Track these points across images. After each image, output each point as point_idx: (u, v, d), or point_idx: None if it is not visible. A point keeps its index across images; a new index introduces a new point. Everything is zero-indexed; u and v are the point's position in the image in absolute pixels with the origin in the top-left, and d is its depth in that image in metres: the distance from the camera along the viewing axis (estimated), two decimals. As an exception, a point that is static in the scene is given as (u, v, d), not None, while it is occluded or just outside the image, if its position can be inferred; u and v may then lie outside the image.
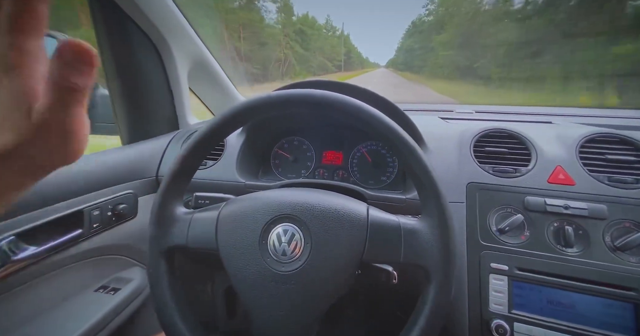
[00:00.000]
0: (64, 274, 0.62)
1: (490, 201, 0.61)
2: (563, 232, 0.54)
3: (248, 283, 0.41)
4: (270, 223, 0.42)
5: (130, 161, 0.78)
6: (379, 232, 0.41)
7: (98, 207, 0.65)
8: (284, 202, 0.43)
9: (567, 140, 0.65)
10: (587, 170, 0.59)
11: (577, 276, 0.52)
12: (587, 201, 0.55)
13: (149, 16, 0.76)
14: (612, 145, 0.62)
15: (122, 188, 0.73)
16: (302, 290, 0.40)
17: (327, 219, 0.41)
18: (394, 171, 0.84)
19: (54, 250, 0.57)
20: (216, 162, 0.81)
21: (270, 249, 0.41)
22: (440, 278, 0.38)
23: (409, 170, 0.42)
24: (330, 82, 0.70)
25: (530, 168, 0.62)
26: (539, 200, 0.57)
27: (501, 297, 0.54)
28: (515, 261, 0.55)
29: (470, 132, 0.71)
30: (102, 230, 0.67)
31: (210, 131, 0.44)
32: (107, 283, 0.70)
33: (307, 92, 0.42)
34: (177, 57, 0.89)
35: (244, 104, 0.43)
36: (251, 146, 0.86)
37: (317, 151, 0.92)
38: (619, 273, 0.50)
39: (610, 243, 0.52)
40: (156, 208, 0.44)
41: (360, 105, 0.42)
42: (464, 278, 0.58)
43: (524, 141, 0.66)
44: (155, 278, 0.44)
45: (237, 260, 0.42)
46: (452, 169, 0.66)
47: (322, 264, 0.40)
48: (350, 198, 0.47)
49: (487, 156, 0.67)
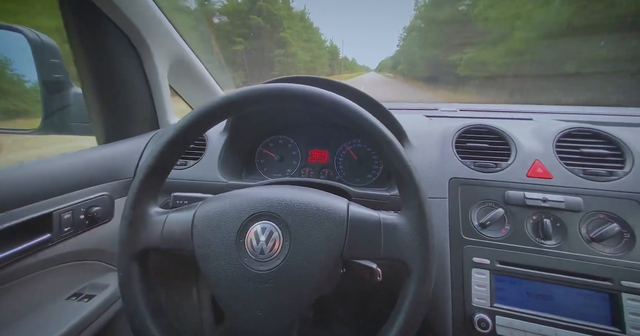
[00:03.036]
0: (33, 281, 0.58)
1: (472, 195, 0.61)
2: (542, 225, 0.55)
3: (225, 283, 0.40)
4: (248, 221, 0.41)
5: (106, 161, 0.75)
6: (358, 227, 0.41)
7: (69, 210, 0.62)
8: (262, 199, 0.42)
9: (545, 135, 0.66)
10: (563, 164, 0.60)
11: (555, 268, 0.53)
12: (564, 194, 0.56)
13: (124, 12, 0.74)
14: (587, 139, 0.63)
15: (97, 189, 0.70)
16: (281, 289, 0.39)
17: (306, 215, 0.41)
18: (379, 169, 0.84)
19: (19, 256, 0.53)
20: (197, 162, 0.79)
21: (247, 248, 0.40)
22: (419, 272, 0.38)
23: (390, 165, 0.41)
24: (314, 78, 0.69)
25: (510, 162, 0.63)
26: (518, 194, 0.58)
27: (483, 291, 0.55)
28: (496, 254, 0.56)
29: (453, 129, 0.72)
30: (74, 234, 0.63)
31: (187, 126, 0.42)
32: (81, 290, 0.66)
33: (286, 86, 0.41)
34: (156, 55, 0.86)
35: (222, 98, 0.42)
36: (235, 145, 0.84)
37: (303, 150, 0.91)
38: (595, 263, 0.51)
39: (586, 234, 0.54)
40: (128, 207, 0.42)
41: (341, 100, 0.41)
42: (447, 273, 0.58)
43: (503, 136, 0.68)
44: (126, 283, 0.41)
45: (214, 261, 0.40)
46: (434, 165, 0.66)
47: (302, 261, 0.39)
48: (330, 195, 0.46)
49: (469, 152, 0.68)
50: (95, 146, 0.81)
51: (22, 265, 0.55)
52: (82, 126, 0.83)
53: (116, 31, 0.77)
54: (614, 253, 0.51)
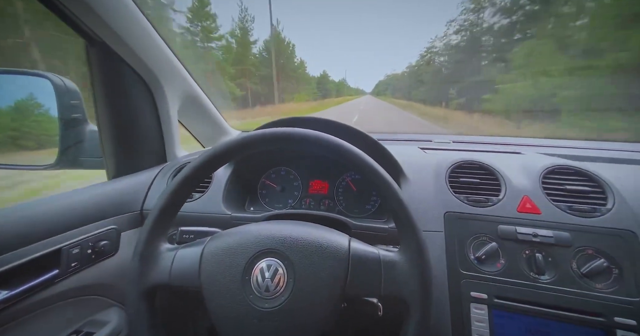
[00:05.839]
0: (35, 319, 0.58)
1: (467, 229, 0.64)
2: (534, 259, 0.57)
3: (230, 321, 0.41)
4: (254, 258, 0.43)
5: (115, 195, 0.77)
6: (360, 264, 0.43)
7: (78, 244, 0.64)
8: (268, 236, 0.45)
9: (531, 171, 0.70)
10: (550, 200, 0.63)
11: (551, 303, 0.54)
12: (553, 229, 0.59)
13: (142, 58, 0.81)
14: (570, 176, 0.67)
15: (105, 223, 0.72)
16: (285, 327, 0.40)
17: (309, 253, 0.43)
18: (378, 200, 0.87)
19: (28, 293, 0.54)
20: (203, 195, 0.82)
21: (253, 285, 0.41)
22: (419, 311, 0.40)
23: (387, 204, 0.44)
24: (313, 119, 0.75)
25: (500, 197, 0.66)
26: (510, 228, 0.61)
27: (483, 327, 0.55)
28: (493, 289, 0.57)
29: (446, 163, 0.76)
30: (80, 269, 0.64)
31: (201, 166, 0.46)
32: (81, 327, 0.65)
33: (294, 132, 0.45)
34: (168, 94, 0.93)
35: (237, 140, 0.46)
36: (238, 177, 0.87)
37: (304, 181, 0.95)
38: (587, 299, 0.52)
39: (577, 269, 0.55)
40: (141, 244, 0.44)
41: (341, 144, 0.45)
42: (446, 308, 0.58)
43: (493, 171, 0.72)
44: (135, 320, 0.42)
45: (220, 298, 0.41)
46: (430, 199, 0.70)
47: (305, 298, 0.41)
48: (333, 230, 0.48)
49: (462, 186, 0.71)
50: (105, 181, 0.85)
51: (27, 303, 0.55)
52: (94, 161, 0.87)
53: (133, 74, 0.85)
54: (604, 288, 0.53)
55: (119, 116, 0.84)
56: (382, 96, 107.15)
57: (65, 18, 0.66)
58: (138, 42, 0.78)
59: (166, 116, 0.95)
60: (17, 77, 0.80)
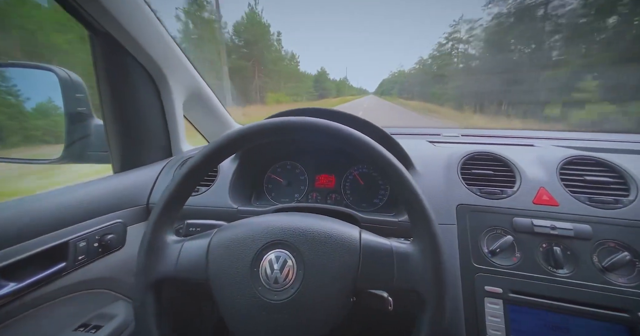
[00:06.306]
0: (42, 312, 0.58)
1: (480, 222, 0.62)
2: (552, 253, 0.55)
3: (238, 314, 0.40)
4: (262, 250, 0.42)
5: (121, 189, 0.77)
6: (371, 256, 0.41)
7: (84, 238, 0.63)
8: (276, 227, 0.43)
9: (547, 162, 0.68)
10: (568, 191, 0.61)
11: (570, 298, 0.52)
12: (572, 222, 0.57)
13: (148, 51, 0.80)
14: (590, 167, 0.65)
15: (112, 217, 0.71)
16: (294, 320, 0.39)
17: (319, 244, 0.41)
18: (386, 194, 0.85)
19: (35, 285, 0.54)
20: (209, 188, 0.81)
21: (262, 277, 0.40)
22: (434, 303, 0.38)
23: (400, 195, 0.43)
24: (322, 109, 0.73)
25: (515, 189, 0.64)
26: (526, 221, 0.58)
27: (498, 322, 0.53)
28: (508, 283, 0.55)
29: (457, 155, 0.74)
30: (87, 263, 0.64)
31: (205, 158, 0.45)
32: (89, 321, 0.65)
33: (300, 120, 0.44)
34: (173, 88, 0.93)
35: (238, 131, 0.45)
36: (244, 171, 0.86)
37: (310, 175, 0.93)
38: (610, 294, 0.50)
39: (598, 263, 0.53)
40: (147, 237, 0.44)
41: (352, 132, 0.43)
42: (459, 303, 0.57)
43: (507, 163, 0.69)
44: (141, 313, 0.42)
45: (228, 290, 0.41)
46: (441, 192, 0.68)
47: (315, 291, 0.39)
48: (342, 222, 0.47)
49: (474, 179, 0.69)
50: (110, 175, 0.84)
51: (34, 296, 0.55)
52: (99, 155, 0.87)
53: (138, 67, 0.84)
54: (628, 283, 0.51)
55: (124, 109, 0.84)
56: (387, 96, 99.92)
57: (68, 7, 0.65)
58: (142, 34, 0.77)
59: (171, 110, 0.94)
60: (23, 71, 0.80)
